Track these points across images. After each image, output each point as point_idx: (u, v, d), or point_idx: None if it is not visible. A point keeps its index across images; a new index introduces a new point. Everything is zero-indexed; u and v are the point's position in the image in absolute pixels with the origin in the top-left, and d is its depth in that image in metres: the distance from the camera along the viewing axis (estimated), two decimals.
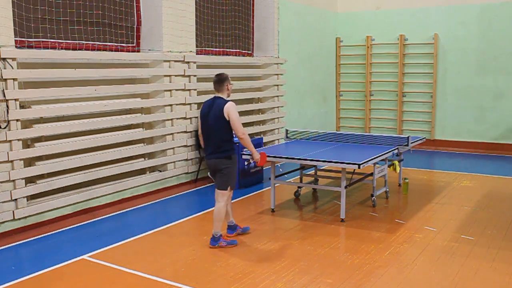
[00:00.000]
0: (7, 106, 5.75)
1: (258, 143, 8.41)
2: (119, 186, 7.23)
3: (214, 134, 5.27)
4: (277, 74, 10.51)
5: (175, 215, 6.70)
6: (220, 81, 5.38)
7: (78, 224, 6.36)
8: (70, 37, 6.79)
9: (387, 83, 12.49)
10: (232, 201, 7.25)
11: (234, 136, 5.33)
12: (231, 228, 5.77)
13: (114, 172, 7.17)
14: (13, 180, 5.91)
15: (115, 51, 7.38)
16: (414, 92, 12.20)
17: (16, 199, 5.95)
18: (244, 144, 5.38)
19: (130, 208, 7.05)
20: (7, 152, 5.80)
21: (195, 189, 8.19)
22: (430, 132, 12.01)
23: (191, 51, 8.39)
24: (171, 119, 8.06)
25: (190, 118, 8.42)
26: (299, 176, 7.71)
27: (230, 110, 5.19)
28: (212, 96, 5.56)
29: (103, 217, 6.67)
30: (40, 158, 6.35)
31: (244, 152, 7.00)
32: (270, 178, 6.90)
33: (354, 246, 5.45)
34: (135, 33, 7.78)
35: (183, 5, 8.15)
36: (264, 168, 8.67)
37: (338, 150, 7.09)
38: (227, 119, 5.19)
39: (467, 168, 9.55)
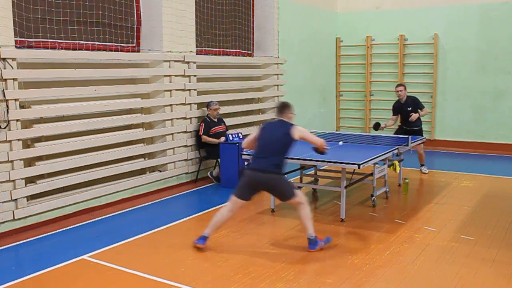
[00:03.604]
0: (7, 106, 5.75)
1: None
2: (119, 186, 7.23)
3: (276, 151, 5.23)
4: (277, 74, 10.52)
5: (175, 215, 6.70)
6: (283, 107, 5.46)
7: (78, 224, 6.36)
8: (70, 37, 6.79)
9: (387, 83, 12.48)
10: None
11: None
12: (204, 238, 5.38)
13: (114, 172, 7.17)
14: (13, 180, 5.92)
15: (115, 51, 7.38)
16: (414, 92, 12.15)
17: (16, 199, 5.95)
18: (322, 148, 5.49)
19: (130, 208, 7.05)
20: (7, 152, 5.80)
21: (195, 189, 8.19)
22: (430, 132, 12.01)
23: (191, 51, 8.39)
24: (171, 119, 8.06)
25: (190, 118, 8.42)
26: (299, 176, 7.71)
27: (303, 132, 5.34)
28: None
29: (103, 217, 6.67)
30: (40, 158, 6.35)
31: (244, 152, 7.01)
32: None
33: (354, 246, 5.45)
34: (135, 33, 7.78)
35: (183, 5, 8.15)
36: None
37: (338, 150, 7.08)
38: (293, 138, 5.27)
39: (467, 168, 9.54)
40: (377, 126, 8.92)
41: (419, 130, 8.91)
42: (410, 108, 8.78)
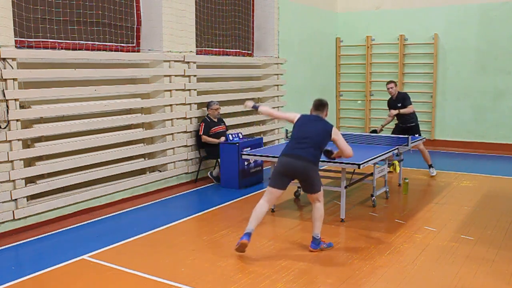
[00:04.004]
0: (7, 106, 5.75)
1: (258, 143, 8.42)
2: (119, 186, 7.23)
3: (314, 144, 5.27)
4: (277, 74, 10.52)
5: (175, 215, 6.70)
6: (322, 105, 5.59)
7: (78, 224, 6.36)
8: (70, 37, 6.79)
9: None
10: (232, 201, 7.30)
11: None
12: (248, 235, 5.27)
13: (114, 172, 7.17)
14: (13, 180, 5.91)
15: (115, 51, 7.38)
16: (414, 92, 12.18)
17: (16, 199, 5.95)
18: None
19: (130, 208, 7.05)
20: (7, 152, 5.80)
21: (195, 189, 8.19)
22: (430, 132, 12.01)
23: (191, 51, 8.39)
24: (171, 119, 8.06)
25: (190, 118, 8.42)
26: None
27: (338, 134, 5.44)
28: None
29: (103, 217, 6.67)
30: (40, 158, 6.35)
31: (244, 152, 7.01)
32: (270, 178, 6.89)
33: (354, 246, 5.45)
34: (135, 33, 7.78)
35: (183, 5, 8.15)
36: (264, 168, 8.67)
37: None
38: (330, 138, 5.38)
39: (467, 168, 9.54)
40: (373, 132, 8.96)
41: (414, 126, 8.81)
42: (400, 104, 8.77)
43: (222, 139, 8.23)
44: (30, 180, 6.26)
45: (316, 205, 5.35)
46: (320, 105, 5.57)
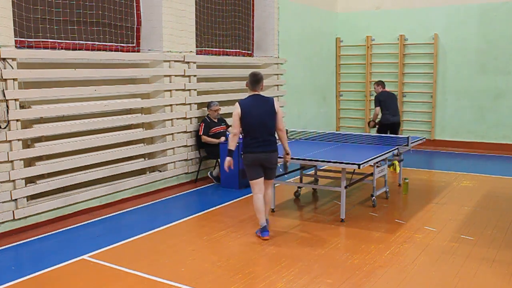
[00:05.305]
0: (7, 106, 5.75)
1: None
2: (119, 186, 7.23)
3: (268, 129, 5.62)
4: (277, 74, 10.52)
5: (175, 215, 6.70)
6: (258, 80, 5.70)
7: (78, 224, 6.36)
8: (70, 37, 6.79)
9: (387, 83, 12.40)
10: (232, 201, 7.31)
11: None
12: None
13: (114, 172, 7.17)
14: (13, 180, 5.92)
15: (115, 51, 7.38)
16: (414, 92, 12.21)
17: (16, 199, 5.96)
18: (283, 138, 5.80)
19: (130, 208, 7.05)
20: (7, 152, 5.80)
21: (195, 189, 8.19)
22: (430, 132, 12.01)
23: (191, 51, 8.39)
24: (171, 119, 8.06)
25: (190, 118, 8.42)
26: (299, 176, 7.72)
27: (279, 107, 5.72)
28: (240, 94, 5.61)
29: (103, 217, 6.67)
30: (40, 158, 6.35)
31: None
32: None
33: (354, 246, 5.45)
34: (135, 33, 7.78)
35: (183, 5, 8.15)
36: None
37: (338, 150, 7.09)
38: (276, 112, 5.67)
39: (467, 168, 9.54)
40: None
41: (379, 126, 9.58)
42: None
43: (222, 139, 8.23)
44: (30, 180, 6.26)
45: (271, 190, 5.90)
46: (256, 80, 5.69)
